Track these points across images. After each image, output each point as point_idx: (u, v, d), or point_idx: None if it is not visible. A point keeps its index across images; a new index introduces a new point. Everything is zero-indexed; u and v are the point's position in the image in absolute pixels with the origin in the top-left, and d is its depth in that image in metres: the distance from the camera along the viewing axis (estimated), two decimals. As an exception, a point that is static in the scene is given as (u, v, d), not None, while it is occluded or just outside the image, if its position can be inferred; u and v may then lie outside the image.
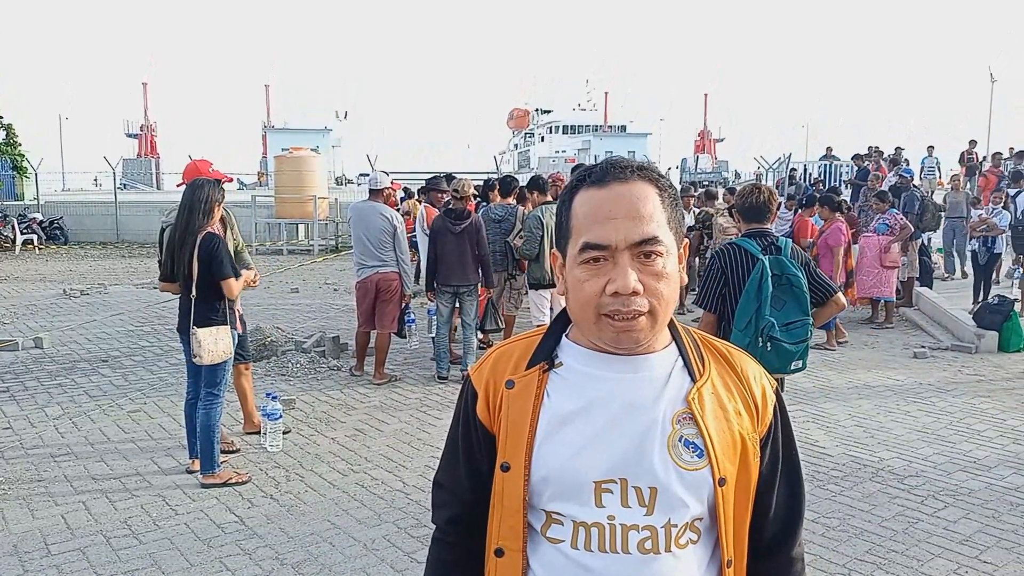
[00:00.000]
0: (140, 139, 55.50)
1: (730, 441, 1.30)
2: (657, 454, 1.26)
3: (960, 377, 7.63)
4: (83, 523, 4.34)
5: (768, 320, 3.54)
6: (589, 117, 73.56)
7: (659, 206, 1.27)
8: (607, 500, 1.27)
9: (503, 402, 1.34)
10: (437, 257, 7.13)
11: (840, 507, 4.62)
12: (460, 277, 7.11)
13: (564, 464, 1.28)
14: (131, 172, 43.26)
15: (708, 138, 57.85)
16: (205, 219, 4.74)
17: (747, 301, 3.66)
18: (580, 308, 1.28)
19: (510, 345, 1.42)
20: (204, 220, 4.74)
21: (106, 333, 9.43)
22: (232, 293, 4.76)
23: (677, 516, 1.27)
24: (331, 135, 52.85)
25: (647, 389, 1.30)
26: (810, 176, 22.23)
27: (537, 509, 1.32)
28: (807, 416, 6.34)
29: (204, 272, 4.68)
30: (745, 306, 3.66)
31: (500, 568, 1.34)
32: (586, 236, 1.25)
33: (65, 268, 16.16)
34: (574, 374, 1.33)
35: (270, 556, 3.97)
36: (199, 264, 4.67)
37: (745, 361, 1.39)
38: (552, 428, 1.29)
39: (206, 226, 4.74)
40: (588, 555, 1.27)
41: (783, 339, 3.55)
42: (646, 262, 1.24)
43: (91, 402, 6.59)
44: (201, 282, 4.69)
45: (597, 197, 1.27)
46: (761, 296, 3.55)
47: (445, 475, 1.45)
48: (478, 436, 1.37)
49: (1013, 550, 4.11)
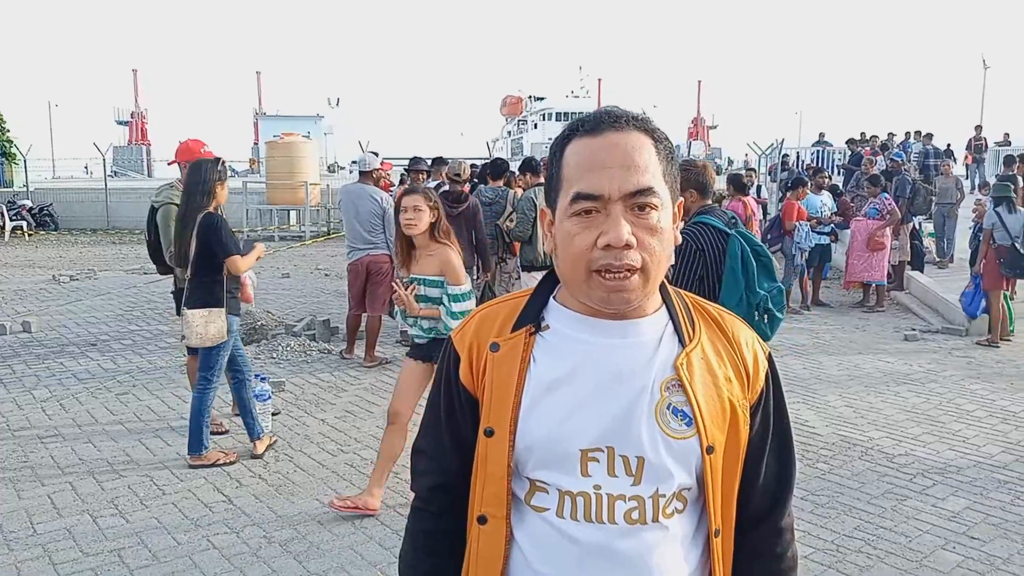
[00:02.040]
0: (131, 126, 55.02)
1: (719, 408, 1.26)
2: (645, 422, 1.22)
3: (950, 359, 7.65)
4: (69, 502, 4.31)
5: (762, 294, 3.50)
6: (582, 104, 73.27)
7: (654, 157, 1.21)
8: (593, 469, 1.23)
9: (487, 365, 1.29)
10: None
11: (830, 485, 4.63)
12: None
13: (550, 432, 1.24)
14: (122, 159, 42.89)
15: (702, 125, 57.64)
16: (205, 199, 4.64)
17: (734, 279, 3.59)
18: (570, 264, 1.22)
19: (495, 307, 1.36)
20: (204, 200, 4.64)
21: (95, 317, 9.37)
22: (239, 269, 4.71)
23: (665, 486, 1.23)
24: (323, 122, 52.46)
25: (636, 355, 1.25)
26: (802, 162, 22.27)
27: (521, 477, 1.28)
28: (798, 397, 6.34)
29: (203, 252, 4.62)
30: (733, 284, 3.60)
31: (483, 536, 1.30)
32: (577, 186, 1.19)
33: (55, 254, 16.05)
34: (561, 338, 1.28)
35: (258, 535, 3.95)
36: (198, 244, 4.62)
37: (738, 326, 1.35)
38: (538, 395, 1.25)
39: (207, 206, 4.66)
40: (574, 524, 1.23)
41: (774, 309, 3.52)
42: (640, 215, 1.18)
43: (79, 385, 6.55)
44: (198, 263, 4.64)
45: (590, 146, 1.21)
46: (748, 271, 3.50)
47: (426, 441, 1.39)
48: (460, 401, 1.32)
49: (1000, 526, 4.12)
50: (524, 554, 1.27)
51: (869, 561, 3.75)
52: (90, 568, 3.62)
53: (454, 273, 3.97)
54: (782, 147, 20.12)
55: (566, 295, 1.30)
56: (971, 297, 8.41)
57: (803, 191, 10.16)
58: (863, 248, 9.89)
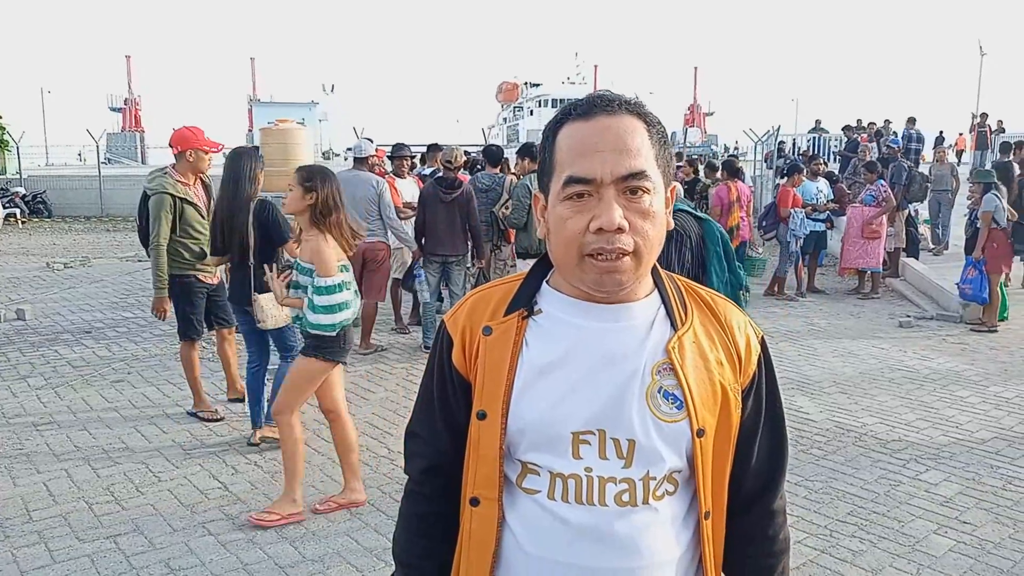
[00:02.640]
0: (124, 113, 54.78)
1: (710, 392, 1.27)
2: (636, 406, 1.23)
3: (944, 346, 7.68)
4: (65, 490, 4.32)
5: (743, 275, 3.57)
6: (579, 91, 73.05)
7: (647, 141, 1.21)
8: (585, 452, 1.24)
9: (480, 349, 1.30)
10: (426, 226, 7.05)
11: (823, 470, 4.65)
12: (449, 247, 7.05)
13: (542, 415, 1.25)
14: (116, 146, 42.68)
15: (698, 112, 57.59)
16: (252, 186, 4.78)
17: (719, 262, 3.65)
18: (562, 248, 1.23)
19: (488, 290, 1.37)
20: (252, 187, 4.77)
21: (89, 305, 9.35)
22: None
23: (655, 469, 1.24)
24: (318, 109, 52.24)
25: (628, 339, 1.26)
26: (798, 149, 22.22)
27: (513, 459, 1.29)
28: (792, 383, 6.36)
29: (262, 239, 4.71)
30: (720, 268, 3.66)
31: (476, 518, 1.31)
32: (570, 170, 1.20)
33: (48, 242, 15.99)
34: (554, 322, 1.29)
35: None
36: (257, 231, 4.68)
37: (730, 310, 1.35)
38: (530, 378, 1.26)
39: (254, 194, 4.77)
40: (565, 506, 1.24)
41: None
42: (632, 199, 1.19)
43: (73, 372, 6.54)
44: (259, 249, 4.72)
45: (582, 130, 1.21)
46: (729, 254, 3.55)
47: (420, 424, 1.41)
48: (454, 384, 1.33)
49: (992, 511, 4.15)
50: (515, 536, 1.28)
51: (862, 546, 3.77)
52: (86, 555, 3.63)
53: (323, 264, 3.72)
54: (778, 134, 20.09)
55: (559, 279, 1.31)
56: (980, 283, 8.32)
57: (798, 178, 10.16)
58: (859, 235, 9.89)
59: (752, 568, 1.39)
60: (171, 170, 5.32)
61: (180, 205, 5.21)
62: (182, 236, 5.21)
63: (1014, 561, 3.64)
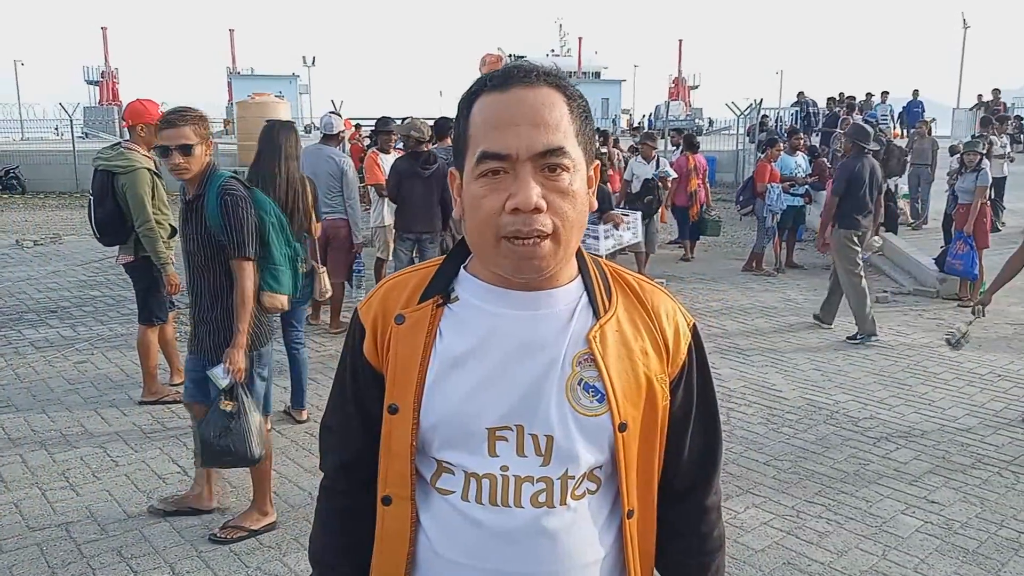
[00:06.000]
0: (101, 86, 53.76)
1: (634, 383, 1.19)
2: (554, 399, 1.16)
3: (920, 321, 7.66)
4: (19, 476, 4.20)
5: (297, 246, 4.01)
6: (563, 63, 72.45)
7: (567, 115, 1.12)
8: (501, 449, 1.17)
9: (392, 339, 1.22)
10: (402, 201, 6.82)
11: (793, 449, 4.61)
12: (424, 223, 6.85)
13: (455, 409, 1.17)
14: (93, 120, 41.93)
15: (682, 85, 57.19)
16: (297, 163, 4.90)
17: (276, 233, 3.69)
18: (478, 230, 1.13)
19: (404, 276, 1.28)
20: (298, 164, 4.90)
21: (57, 284, 9.16)
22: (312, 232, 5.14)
23: (574, 467, 1.17)
24: (298, 81, 51.59)
25: (548, 328, 1.18)
26: (782, 123, 22.10)
27: (428, 457, 1.22)
28: (765, 360, 6.32)
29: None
30: (278, 238, 3.74)
31: (388, 517, 1.25)
32: (484, 145, 1.11)
33: (20, 218, 15.69)
34: (470, 310, 1.21)
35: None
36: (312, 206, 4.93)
37: (659, 297, 1.27)
38: (443, 369, 1.18)
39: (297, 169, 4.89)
40: (479, 508, 1.18)
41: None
42: (550, 176, 1.10)
43: (36, 353, 6.40)
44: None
45: (498, 102, 1.12)
46: (283, 224, 3.74)
47: (334, 418, 1.33)
48: (366, 377, 1.26)
49: (961, 489, 4.12)
50: (429, 537, 1.22)
51: (828, 527, 3.73)
52: (35, 543, 3.53)
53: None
54: (760, 107, 19.99)
55: (477, 265, 1.23)
56: (971, 259, 8.23)
57: (775, 151, 10.06)
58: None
59: (685, 566, 1.34)
60: (130, 144, 5.14)
61: (154, 180, 5.04)
62: (155, 213, 5.02)
63: (979, 541, 3.62)
